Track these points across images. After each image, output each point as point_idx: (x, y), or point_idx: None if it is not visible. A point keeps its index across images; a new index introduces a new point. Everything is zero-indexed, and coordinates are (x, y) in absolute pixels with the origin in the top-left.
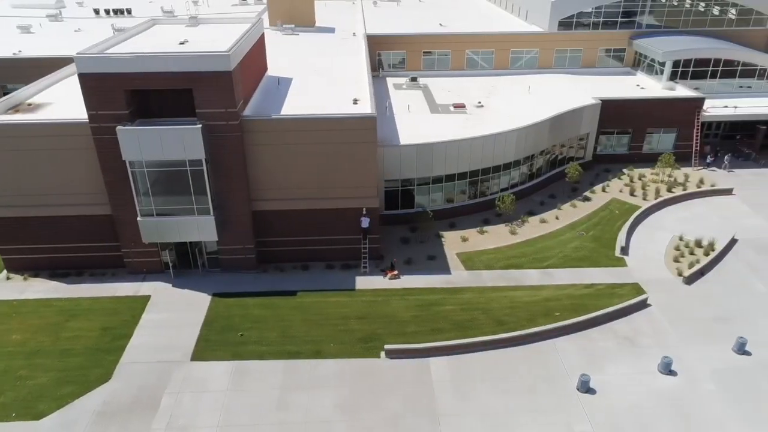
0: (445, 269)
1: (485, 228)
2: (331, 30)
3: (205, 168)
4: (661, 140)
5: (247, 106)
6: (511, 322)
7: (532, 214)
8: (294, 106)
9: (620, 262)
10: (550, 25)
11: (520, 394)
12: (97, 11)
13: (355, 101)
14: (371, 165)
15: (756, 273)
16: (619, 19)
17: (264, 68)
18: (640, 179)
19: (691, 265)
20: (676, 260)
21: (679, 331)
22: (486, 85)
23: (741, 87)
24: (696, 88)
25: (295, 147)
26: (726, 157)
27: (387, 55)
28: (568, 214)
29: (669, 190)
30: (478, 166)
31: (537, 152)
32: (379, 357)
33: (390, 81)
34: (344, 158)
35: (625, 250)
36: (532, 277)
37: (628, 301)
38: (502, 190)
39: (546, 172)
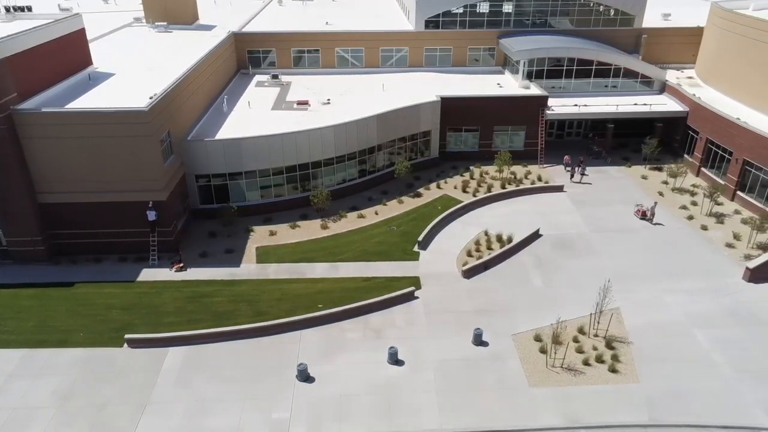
0: (235, 262)
1: (300, 223)
2: (209, 28)
3: None
4: (511, 138)
5: (32, 99)
6: (271, 313)
7: (355, 209)
8: (90, 99)
9: (414, 257)
10: (417, 24)
11: (241, 382)
12: None
13: (152, 96)
14: (154, 158)
15: (541, 268)
16: (486, 19)
17: (82, 63)
18: (481, 176)
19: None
20: (469, 255)
21: (431, 323)
22: (348, 83)
23: (606, 86)
24: (555, 87)
25: (72, 141)
26: (578, 169)
27: (257, 53)
28: (391, 209)
29: (503, 187)
30: (295, 162)
31: (368, 148)
32: (121, 346)
33: (257, 78)
34: (123, 152)
35: (422, 245)
36: (317, 270)
37: (389, 294)
38: (329, 185)
39: (384, 169)
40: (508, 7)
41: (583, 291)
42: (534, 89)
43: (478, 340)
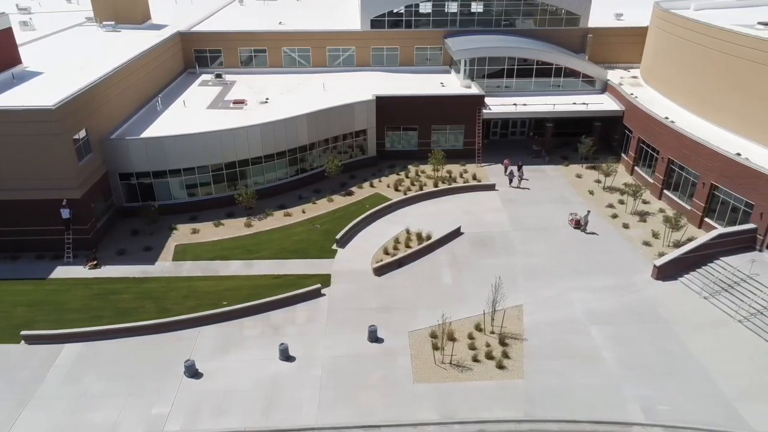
0: (151, 260)
1: (225, 221)
2: (159, 27)
3: None
4: (450, 137)
5: None
6: (174, 310)
7: (283, 207)
8: (6, 98)
9: (331, 255)
10: (362, 23)
11: (129, 378)
12: None
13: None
14: (65, 157)
15: (454, 266)
16: (432, 19)
17: (9, 62)
18: (417, 175)
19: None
20: (386, 253)
21: (331, 321)
22: (293, 83)
23: (550, 86)
24: (498, 87)
25: None
26: (514, 169)
27: (204, 53)
28: (320, 208)
29: (435, 186)
30: (221, 160)
31: (299, 147)
32: (18, 343)
33: (202, 78)
34: (33, 150)
35: (341, 243)
36: (231, 268)
37: (293, 292)
38: (259, 184)
39: (318, 168)
40: (453, 7)
41: (489, 289)
42: (472, 89)
43: (373, 337)
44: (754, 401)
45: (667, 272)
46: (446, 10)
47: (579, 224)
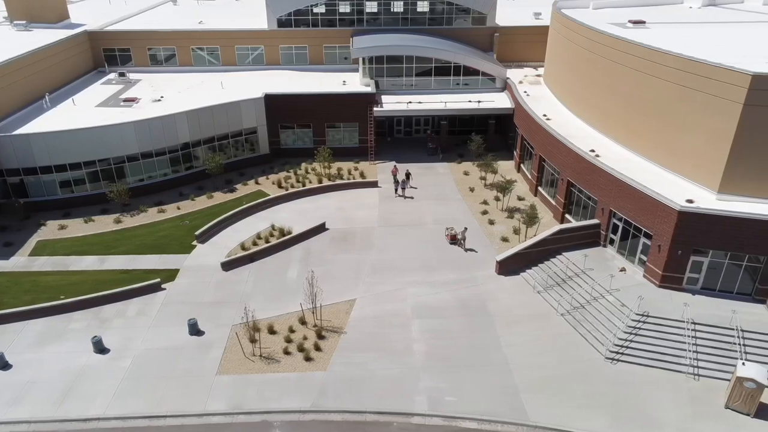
0: (7, 255)
1: (96, 218)
2: (74, 27)
3: None
4: (345, 135)
5: None
6: (10, 304)
7: (161, 204)
8: None
9: (189, 250)
10: (269, 23)
11: None
12: None
13: None
14: None
15: (305, 261)
16: (339, 18)
17: None
18: (306, 172)
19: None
20: (243, 248)
21: (161, 314)
22: (196, 81)
23: (451, 84)
24: (400, 85)
25: None
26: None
27: (113, 51)
28: (197, 205)
29: (320, 182)
30: (94, 157)
31: (181, 144)
32: None
33: (108, 77)
34: None
35: (202, 239)
36: (84, 263)
37: (130, 286)
38: (140, 181)
39: (204, 165)
40: (361, 7)
41: (331, 283)
42: (363, 87)
43: (194, 330)
44: (540, 393)
45: (509, 267)
46: (354, 9)
47: (455, 240)
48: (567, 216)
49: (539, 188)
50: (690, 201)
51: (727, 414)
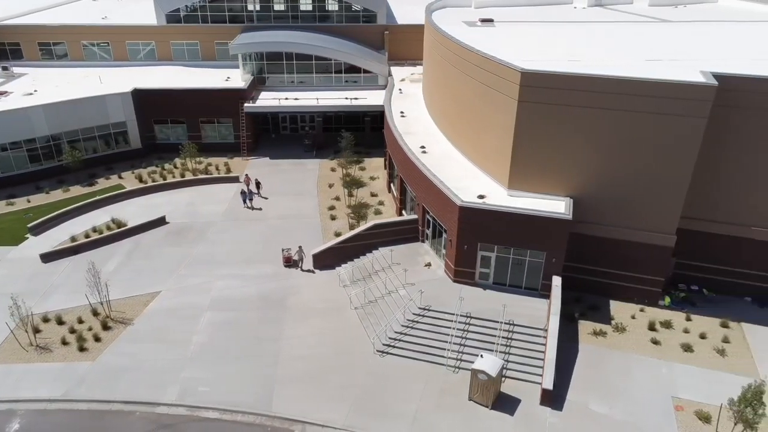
0: None
1: None
2: None
3: None
4: (222, 130)
5: None
6: None
7: (12, 197)
8: None
9: (18, 242)
10: (158, 18)
11: None
12: None
13: None
14: None
15: (130, 254)
16: (228, 14)
17: None
18: (175, 167)
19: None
20: (73, 240)
21: None
22: (80, 76)
23: (335, 81)
24: (284, 82)
25: None
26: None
27: (2, 46)
28: (50, 198)
29: (182, 176)
30: None
31: (39, 138)
32: None
33: None
34: None
35: (36, 231)
36: None
37: None
38: None
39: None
40: (250, 4)
41: (146, 276)
42: (235, 82)
43: None
44: (295, 384)
45: (324, 261)
46: (243, 6)
47: (289, 261)
48: (404, 212)
49: (391, 185)
50: (482, 197)
51: (468, 406)
